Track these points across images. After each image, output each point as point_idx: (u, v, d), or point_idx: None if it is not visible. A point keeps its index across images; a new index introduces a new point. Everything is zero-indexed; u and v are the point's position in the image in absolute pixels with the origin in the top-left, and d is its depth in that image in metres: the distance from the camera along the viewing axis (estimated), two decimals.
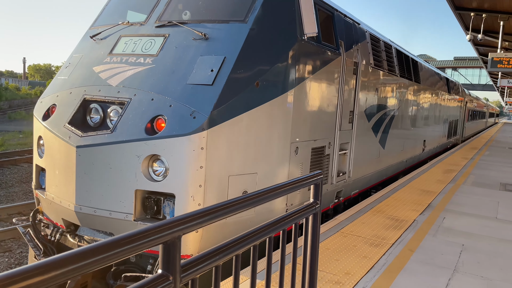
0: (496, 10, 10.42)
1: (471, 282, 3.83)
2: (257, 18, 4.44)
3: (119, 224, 4.02)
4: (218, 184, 4.00)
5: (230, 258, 1.74)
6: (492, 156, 14.68)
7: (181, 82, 4.07)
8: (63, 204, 4.31)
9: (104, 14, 5.51)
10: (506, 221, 6.13)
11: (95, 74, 4.58)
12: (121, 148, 3.95)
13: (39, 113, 4.78)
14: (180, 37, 4.46)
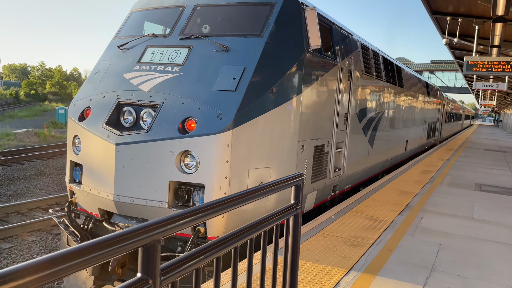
0: (472, 15, 10.69)
1: (448, 280, 3.91)
2: (271, 33, 5.07)
3: (154, 211, 4.55)
4: (240, 176, 4.60)
5: (211, 261, 1.73)
6: (468, 157, 15.05)
7: (208, 88, 4.66)
8: (101, 194, 4.82)
9: (126, 26, 6.10)
10: (481, 220, 6.28)
11: (126, 80, 5.13)
12: (157, 145, 4.52)
13: (74, 114, 5.29)
14: (203, 48, 5.05)
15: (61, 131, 29.75)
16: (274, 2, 5.29)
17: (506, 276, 4.14)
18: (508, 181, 10.36)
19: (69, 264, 1.06)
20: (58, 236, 8.46)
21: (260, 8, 5.32)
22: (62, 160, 16.95)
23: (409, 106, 12.80)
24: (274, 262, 2.37)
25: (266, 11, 5.26)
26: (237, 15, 5.42)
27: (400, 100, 11.44)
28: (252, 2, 5.39)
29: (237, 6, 5.43)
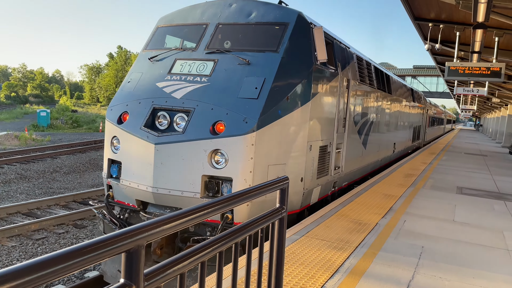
0: (453, 21, 10.91)
1: (430, 283, 3.96)
2: (286, 49, 5.82)
3: (189, 201, 5.23)
4: (261, 171, 5.32)
5: (196, 265, 1.71)
6: (449, 161, 15.31)
7: (233, 96, 5.38)
8: (140, 187, 5.48)
9: (153, 40, 6.83)
10: (463, 223, 6.39)
11: (159, 88, 5.81)
12: (192, 145, 5.24)
13: (112, 118, 5.96)
14: (227, 62, 5.77)
15: (42, 134, 29.22)
16: (288, 22, 6.04)
17: (487, 278, 4.21)
18: (488, 184, 10.57)
19: (51, 270, 1.04)
20: (38, 242, 8.30)
21: (276, 27, 6.07)
22: (43, 164, 16.63)
23: (397, 111, 13.69)
24: (259, 266, 2.36)
25: (281, 30, 6.01)
26: (255, 33, 6.15)
27: (389, 106, 12.34)
28: (268, 22, 6.13)
29: (255, 25, 6.16)
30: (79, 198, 11.62)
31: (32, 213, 10.11)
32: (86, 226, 9.42)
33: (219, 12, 6.42)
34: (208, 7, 6.62)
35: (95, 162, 18.34)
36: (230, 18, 6.29)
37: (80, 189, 13.54)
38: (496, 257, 4.92)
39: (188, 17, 6.71)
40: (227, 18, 6.31)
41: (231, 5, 6.44)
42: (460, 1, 8.03)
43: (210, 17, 6.43)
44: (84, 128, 39.65)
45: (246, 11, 6.28)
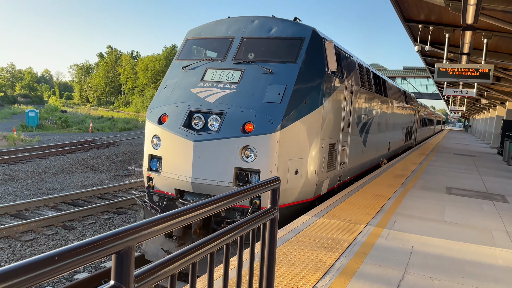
0: (442, 23, 11.01)
1: (420, 283, 3.99)
2: (303, 60, 6.70)
3: (223, 189, 6.05)
4: (284, 164, 6.21)
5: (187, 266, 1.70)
6: (439, 162, 15.45)
7: (260, 101, 6.26)
8: (179, 178, 6.34)
9: (184, 51, 7.76)
10: (452, 223, 6.45)
11: (194, 94, 6.67)
12: (226, 142, 6.09)
13: (153, 119, 6.80)
14: (253, 71, 6.64)
15: (31, 135, 28.88)
16: (304, 37, 6.94)
17: (476, 278, 4.25)
18: (477, 184, 10.68)
19: (40, 272, 1.02)
20: (27, 243, 8.20)
21: (293, 41, 6.94)
22: (32, 165, 16.45)
23: (391, 113, 14.70)
24: (251, 266, 2.35)
25: (298, 43, 6.89)
26: (276, 46, 7.01)
27: (385, 108, 13.30)
28: (287, 37, 7.01)
29: (275, 39, 7.04)
30: (68, 199, 11.50)
31: (21, 214, 9.99)
32: (76, 227, 9.33)
33: (243, 27, 7.34)
34: (233, 23, 7.52)
35: (84, 163, 18.19)
36: (253, 33, 7.21)
37: (69, 190, 13.41)
38: (485, 256, 4.97)
39: (215, 31, 7.62)
40: (250, 33, 7.23)
41: (253, 21, 7.39)
42: (450, 3, 8.11)
43: (235, 31, 7.34)
44: (74, 129, 39.29)
45: (267, 27, 7.21)
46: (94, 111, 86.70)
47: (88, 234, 9.06)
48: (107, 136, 31.45)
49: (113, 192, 12.83)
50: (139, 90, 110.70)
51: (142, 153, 22.92)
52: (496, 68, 14.29)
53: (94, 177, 15.89)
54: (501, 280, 4.22)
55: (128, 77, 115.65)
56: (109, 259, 7.17)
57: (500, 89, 21.14)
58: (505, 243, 5.58)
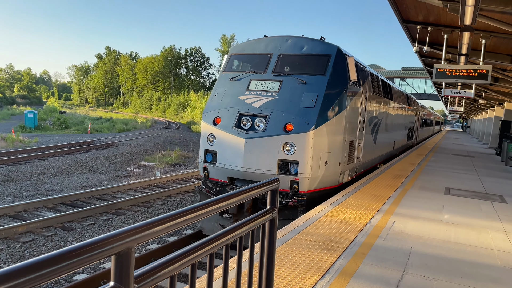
0: (441, 23, 11.03)
1: (419, 283, 3.99)
2: (331, 73, 8.05)
3: (268, 176, 7.30)
4: (317, 156, 7.63)
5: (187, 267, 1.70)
6: (437, 162, 15.46)
7: (297, 106, 7.66)
8: (232, 168, 7.84)
9: (229, 64, 9.13)
10: (451, 223, 6.46)
11: (242, 100, 8.08)
12: (271, 139, 7.54)
13: (208, 121, 8.28)
14: (290, 82, 8.00)
15: (30, 136, 28.84)
16: (330, 54, 8.30)
17: (474, 279, 4.26)
18: (475, 184, 10.70)
19: (39, 274, 1.02)
20: (26, 245, 8.18)
21: (322, 57, 8.29)
22: (31, 166, 16.43)
23: (396, 114, 16.16)
24: (250, 267, 2.36)
25: (326, 59, 8.23)
26: (308, 61, 8.33)
27: (391, 110, 14.75)
28: (316, 54, 8.35)
29: (307, 55, 8.39)
30: (67, 200, 11.49)
31: (19, 215, 9.97)
32: (75, 228, 9.32)
33: (279, 45, 8.67)
34: (270, 41, 8.88)
35: (83, 164, 18.17)
36: (288, 50, 8.53)
37: (68, 191, 13.39)
38: (484, 257, 4.98)
39: (255, 48, 8.97)
40: (285, 50, 8.55)
41: (287, 40, 8.73)
42: (448, 4, 8.13)
43: (272, 49, 8.68)
44: (72, 130, 39.25)
45: (299, 45, 8.53)
46: (92, 112, 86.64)
47: (87, 235, 9.05)
48: (106, 137, 31.42)
49: (112, 193, 12.82)
50: (138, 91, 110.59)
51: (140, 154, 22.89)
52: (494, 68, 14.31)
53: (93, 178, 15.88)
54: (499, 281, 4.23)
55: (127, 78, 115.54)
56: (108, 260, 7.18)
57: (498, 89, 21.18)
58: (503, 244, 5.59)
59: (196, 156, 23.21)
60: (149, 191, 13.37)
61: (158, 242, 8.69)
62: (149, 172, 17.75)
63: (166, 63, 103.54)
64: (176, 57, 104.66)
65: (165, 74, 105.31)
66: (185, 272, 6.93)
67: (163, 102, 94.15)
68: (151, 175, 17.04)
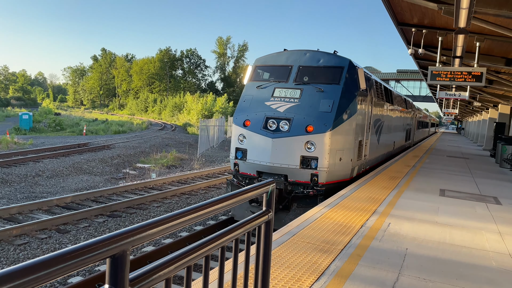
0: (435, 26, 11.09)
1: (414, 284, 4.00)
2: (344, 82, 9.30)
3: (292, 170, 8.84)
4: (333, 153, 8.90)
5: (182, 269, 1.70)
6: (432, 164, 15.53)
7: (316, 111, 8.90)
8: (261, 163, 9.08)
9: (255, 74, 10.40)
10: (446, 225, 6.48)
11: (268, 106, 9.34)
12: (294, 138, 8.78)
13: (238, 123, 9.52)
14: (309, 90, 9.25)
15: (25, 138, 28.68)
16: (343, 66, 9.53)
17: (469, 280, 4.28)
18: (470, 186, 10.75)
19: (33, 277, 1.02)
20: (20, 247, 8.13)
21: (336, 69, 9.54)
22: (25, 168, 16.33)
23: (395, 117, 17.44)
24: (246, 270, 2.35)
25: (340, 70, 9.48)
26: (324, 72, 9.56)
27: (391, 113, 16.04)
28: (331, 66, 9.60)
29: (323, 67, 9.63)
30: (62, 203, 11.43)
31: (14, 218, 9.91)
32: (70, 231, 9.27)
33: (299, 58, 9.91)
34: (290, 54, 10.13)
35: (78, 166, 18.09)
36: (307, 62, 9.77)
37: (63, 193, 13.32)
38: (479, 258, 5.00)
39: (277, 60, 10.24)
40: (304, 62, 9.79)
41: (305, 54, 9.99)
42: (443, 7, 8.18)
43: (292, 61, 9.92)
44: (68, 132, 39.08)
45: (316, 58, 9.79)
46: (88, 113, 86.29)
47: (82, 238, 9.00)
48: (101, 139, 31.30)
49: (108, 195, 12.77)
50: (133, 92, 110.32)
51: (136, 156, 22.82)
52: (489, 71, 14.40)
53: (88, 180, 15.81)
54: (494, 282, 4.25)
55: (122, 79, 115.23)
56: (103, 262, 7.14)
57: (492, 92, 21.30)
58: (498, 245, 5.61)
59: (192, 158, 23.21)
60: (144, 193, 13.32)
61: (153, 244, 8.66)
62: (145, 174, 17.70)
63: (162, 65, 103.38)
64: (172, 59, 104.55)
65: (161, 76, 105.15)
66: (180, 275, 6.90)
67: (159, 104, 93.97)
68: (146, 177, 16.99)
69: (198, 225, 10.14)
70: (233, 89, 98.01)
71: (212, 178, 17.01)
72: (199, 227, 9.96)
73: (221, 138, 38.34)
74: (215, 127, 35.45)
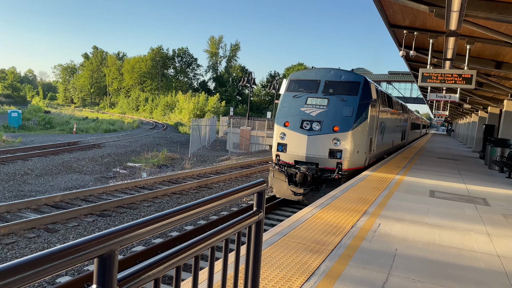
0: (427, 28, 11.18)
1: (404, 285, 4.03)
2: (360, 94, 11.96)
3: (322, 159, 11.59)
4: (353, 147, 11.55)
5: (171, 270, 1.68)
6: (422, 165, 15.65)
7: (340, 115, 11.63)
8: (298, 154, 11.82)
9: (290, 86, 13.00)
10: (435, 226, 6.53)
11: (302, 111, 11.96)
12: (325, 136, 11.52)
13: (280, 124, 12.21)
14: (334, 99, 11.91)
15: (13, 136, 28.35)
16: (360, 81, 12.35)
17: (458, 281, 4.31)
18: (460, 187, 10.85)
19: (20, 277, 1.00)
20: (8, 247, 8.03)
21: (355, 83, 12.31)
22: (14, 166, 16.14)
23: (394, 119, 19.93)
24: (236, 270, 2.35)
25: (357, 85, 12.27)
26: (345, 86, 12.31)
27: (391, 117, 18.54)
28: (350, 81, 12.38)
29: (345, 82, 12.38)
30: (51, 202, 11.31)
31: (2, 216, 9.78)
32: (58, 230, 9.18)
33: (325, 74, 12.70)
34: (318, 71, 13.01)
35: (68, 165, 17.93)
36: (331, 78, 12.55)
37: (52, 192, 13.19)
38: (467, 259, 5.05)
39: (307, 76, 13.05)
40: (329, 77, 12.56)
41: (330, 71, 12.82)
42: (434, 9, 8.24)
43: (320, 76, 12.68)
44: (58, 130, 38.72)
45: (339, 75, 12.61)
46: (78, 112, 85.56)
47: (71, 237, 8.92)
48: (92, 138, 31.05)
49: (97, 194, 12.67)
50: (124, 91, 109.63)
51: (127, 155, 22.69)
52: (479, 73, 14.55)
53: (78, 179, 15.67)
54: (482, 283, 4.29)
55: (113, 78, 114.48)
56: (92, 262, 7.07)
57: (482, 94, 21.54)
58: (486, 246, 5.67)
59: (183, 158, 23.15)
60: (135, 193, 13.25)
61: (143, 244, 8.61)
62: (136, 174, 17.59)
63: (154, 64, 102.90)
64: (163, 58, 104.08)
65: (153, 74, 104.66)
66: (170, 275, 6.87)
67: (150, 103, 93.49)
68: (137, 176, 16.89)
69: (189, 224, 10.10)
70: (225, 89, 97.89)
71: (204, 177, 16.97)
72: (190, 227, 9.93)
73: (212, 137, 38.27)
74: (207, 126, 35.37)
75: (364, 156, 12.61)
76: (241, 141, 32.19)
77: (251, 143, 32.03)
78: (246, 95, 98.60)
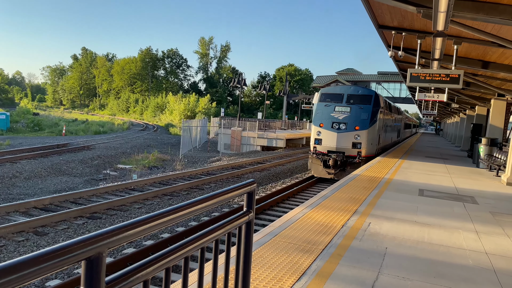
0: (414, 29, 11.28)
1: (394, 283, 4.06)
2: (373, 103, 17.42)
3: (347, 149, 16.95)
4: (369, 140, 17.01)
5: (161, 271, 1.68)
6: (412, 164, 15.79)
7: (359, 118, 17.08)
8: (331, 146, 17.11)
9: (322, 98, 18.05)
10: (424, 224, 6.60)
11: (332, 115, 17.24)
12: (349, 133, 16.94)
13: (316, 124, 17.41)
14: (355, 108, 17.25)
15: (1, 138, 28.00)
16: (372, 95, 17.53)
17: (447, 278, 4.36)
18: (448, 186, 10.97)
19: (7, 280, 1.00)
20: (0, 249, 7.92)
21: (368, 96, 17.47)
22: (2, 169, 15.94)
23: (392, 120, 24.22)
24: (226, 271, 2.35)
25: (371, 97, 17.43)
26: (361, 98, 17.36)
27: (390, 118, 23.00)
28: (365, 94, 17.55)
29: (361, 95, 17.47)
30: (40, 204, 11.19)
31: None
32: (48, 233, 9.08)
33: (347, 89, 17.86)
34: (342, 87, 18.28)
35: (57, 167, 17.75)
36: (352, 92, 17.56)
37: (41, 194, 13.05)
38: (456, 257, 5.11)
39: (335, 90, 18.27)
40: (350, 92, 17.56)
41: (350, 87, 18.05)
42: (421, 10, 8.32)
43: (343, 91, 17.75)
44: (46, 132, 38.33)
45: (357, 90, 17.64)
46: (68, 114, 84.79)
47: (61, 240, 8.83)
48: (81, 140, 30.78)
49: (87, 196, 12.56)
50: (114, 92, 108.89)
51: (117, 157, 22.53)
52: (466, 73, 14.72)
53: (68, 182, 15.53)
54: (471, 280, 4.34)
55: (103, 79, 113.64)
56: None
57: (470, 93, 21.80)
58: (474, 244, 5.74)
59: (174, 159, 23.07)
60: (125, 195, 13.16)
61: (134, 246, 8.56)
62: (126, 175, 17.48)
63: (144, 65, 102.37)
64: (153, 59, 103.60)
65: (143, 75, 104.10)
66: (160, 276, 6.84)
67: (140, 104, 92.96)
68: (127, 178, 16.78)
69: (180, 226, 10.07)
70: (216, 90, 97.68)
71: (195, 179, 16.93)
72: (181, 228, 9.90)
73: (203, 138, 38.16)
74: (198, 127, 35.26)
75: (375, 147, 17.74)
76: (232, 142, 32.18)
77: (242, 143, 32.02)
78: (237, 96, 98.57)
